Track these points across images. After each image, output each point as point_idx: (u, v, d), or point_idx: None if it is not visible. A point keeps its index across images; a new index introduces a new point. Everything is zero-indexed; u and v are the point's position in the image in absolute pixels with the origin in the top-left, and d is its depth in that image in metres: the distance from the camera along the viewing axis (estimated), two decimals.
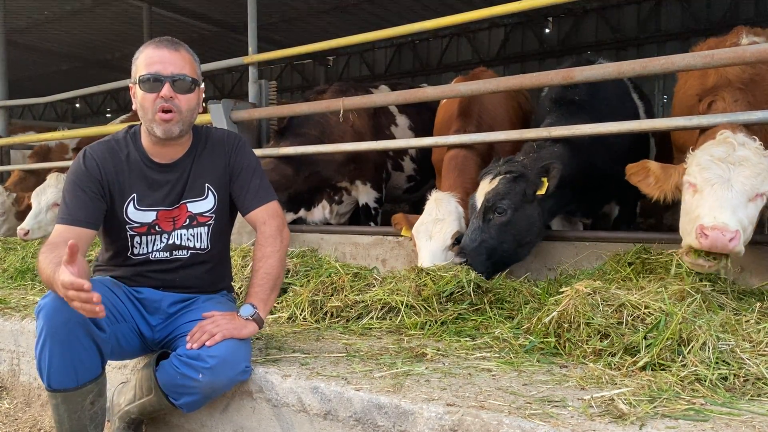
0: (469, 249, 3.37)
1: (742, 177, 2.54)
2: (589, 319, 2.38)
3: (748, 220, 2.54)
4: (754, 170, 2.55)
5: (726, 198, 2.51)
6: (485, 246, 3.38)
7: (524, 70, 12.37)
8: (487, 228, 3.40)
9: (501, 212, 3.39)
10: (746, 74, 3.13)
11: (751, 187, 2.53)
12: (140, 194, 2.53)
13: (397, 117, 5.70)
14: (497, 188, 3.42)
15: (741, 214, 2.51)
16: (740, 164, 2.57)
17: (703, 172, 2.61)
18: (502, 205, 3.38)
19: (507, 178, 3.43)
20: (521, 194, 3.42)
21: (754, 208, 2.55)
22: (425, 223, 3.69)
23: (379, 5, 10.60)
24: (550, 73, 3.61)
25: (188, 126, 2.52)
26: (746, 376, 2.04)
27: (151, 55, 2.41)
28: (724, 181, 2.55)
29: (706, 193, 2.58)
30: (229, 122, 4.85)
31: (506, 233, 3.41)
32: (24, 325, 3.36)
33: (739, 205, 2.51)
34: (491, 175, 3.51)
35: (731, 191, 2.52)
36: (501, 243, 3.41)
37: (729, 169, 2.57)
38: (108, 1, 10.34)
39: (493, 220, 3.40)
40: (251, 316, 2.38)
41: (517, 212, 3.41)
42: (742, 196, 2.52)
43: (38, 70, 15.25)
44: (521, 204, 3.42)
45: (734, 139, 2.67)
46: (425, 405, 1.96)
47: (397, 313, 3.00)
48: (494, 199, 3.39)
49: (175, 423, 2.64)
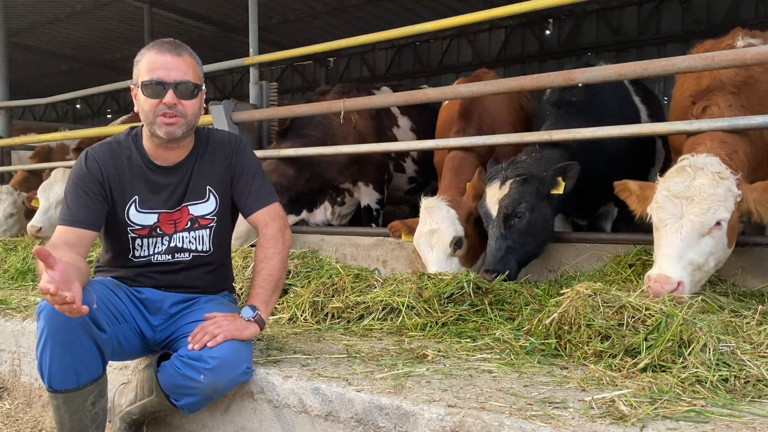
0: (497, 259, 3.38)
1: (692, 215, 2.62)
2: (589, 321, 2.39)
3: (705, 256, 2.63)
4: (705, 205, 2.62)
5: (674, 244, 2.61)
6: (511, 252, 3.41)
7: (524, 71, 12.37)
8: (509, 234, 3.43)
9: (521, 216, 3.42)
10: (739, 77, 3.14)
11: (701, 224, 2.61)
12: (142, 196, 2.53)
13: (399, 118, 5.70)
14: (511, 194, 3.43)
15: (692, 254, 2.60)
16: (693, 199, 2.64)
17: (659, 211, 2.71)
18: (521, 209, 3.41)
19: (518, 181, 3.45)
20: (535, 194, 3.45)
21: (709, 241, 2.63)
22: (423, 234, 3.71)
23: (380, 7, 10.61)
24: (551, 75, 3.62)
25: (191, 128, 2.52)
26: (747, 377, 2.04)
27: (154, 59, 2.40)
28: (676, 220, 2.65)
29: (660, 234, 2.69)
30: (230, 123, 4.85)
31: (528, 235, 3.46)
32: (25, 325, 3.37)
33: (689, 246, 2.60)
34: (498, 180, 3.51)
35: (680, 234, 2.62)
36: (524, 245, 3.46)
37: (682, 206, 2.65)
38: (109, 2, 10.34)
39: (515, 225, 3.43)
40: (253, 317, 2.39)
41: (533, 213, 3.45)
42: (692, 235, 2.61)
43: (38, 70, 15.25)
44: (536, 204, 3.46)
45: (693, 165, 2.72)
46: (426, 406, 1.96)
47: (397, 315, 3.00)
48: (512, 205, 3.42)
49: (176, 424, 2.64)
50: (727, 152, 2.85)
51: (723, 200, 2.64)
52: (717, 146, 2.88)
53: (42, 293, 1.92)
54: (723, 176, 2.67)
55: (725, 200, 2.64)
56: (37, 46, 13.12)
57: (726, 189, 2.66)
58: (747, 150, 2.95)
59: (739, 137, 2.96)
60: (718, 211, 2.62)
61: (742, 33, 3.48)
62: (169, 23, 11.10)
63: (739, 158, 2.87)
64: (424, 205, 3.79)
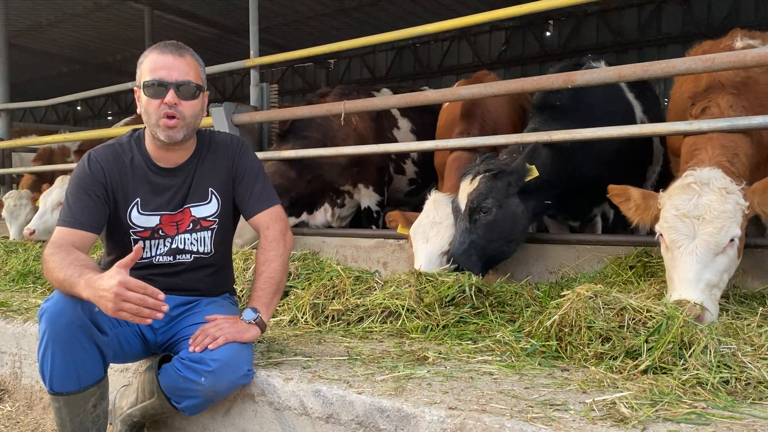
0: (459, 252, 3.38)
1: (706, 236, 2.58)
2: (590, 323, 2.39)
3: (719, 274, 2.60)
4: (718, 224, 2.59)
5: (690, 267, 2.57)
6: (474, 247, 3.39)
7: (525, 73, 12.40)
8: (474, 229, 3.42)
9: (486, 211, 3.41)
10: (738, 78, 3.13)
11: (716, 244, 2.58)
12: (144, 199, 2.53)
13: (399, 120, 5.71)
14: (479, 188, 3.43)
15: (708, 274, 2.57)
16: (704, 218, 2.61)
17: (670, 232, 2.66)
18: (487, 204, 3.40)
19: (486, 176, 3.45)
20: (504, 190, 3.44)
21: (724, 259, 2.61)
22: (423, 225, 3.70)
23: (381, 8, 10.63)
24: (552, 77, 3.61)
25: (192, 131, 2.52)
26: (748, 379, 2.04)
27: (156, 60, 2.41)
28: (690, 241, 2.61)
29: (674, 255, 2.64)
30: (231, 125, 4.86)
31: (493, 231, 3.43)
32: (26, 327, 3.37)
33: (705, 267, 2.57)
34: (470, 175, 3.52)
35: (696, 255, 2.58)
36: (489, 242, 3.43)
37: (694, 226, 2.62)
38: (109, 4, 10.37)
39: (479, 220, 3.42)
40: (254, 320, 2.38)
41: (501, 209, 3.43)
42: (707, 256, 2.58)
43: (39, 72, 15.28)
44: (504, 200, 3.45)
45: (698, 181, 2.69)
46: (427, 408, 1.96)
47: (398, 317, 3.00)
48: (478, 199, 3.41)
49: (177, 426, 2.64)
50: (728, 157, 2.83)
51: (733, 216, 2.61)
52: (718, 153, 2.85)
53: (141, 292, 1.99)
54: (730, 191, 2.64)
55: (735, 215, 2.61)
56: (37, 48, 13.15)
57: (735, 204, 2.63)
58: (748, 152, 2.94)
59: (739, 138, 2.95)
60: (731, 228, 2.59)
61: (741, 34, 3.48)
62: (169, 25, 11.12)
63: (740, 162, 2.85)
64: (432, 198, 3.81)
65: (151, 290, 2.01)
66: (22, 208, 6.58)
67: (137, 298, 1.98)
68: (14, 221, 6.54)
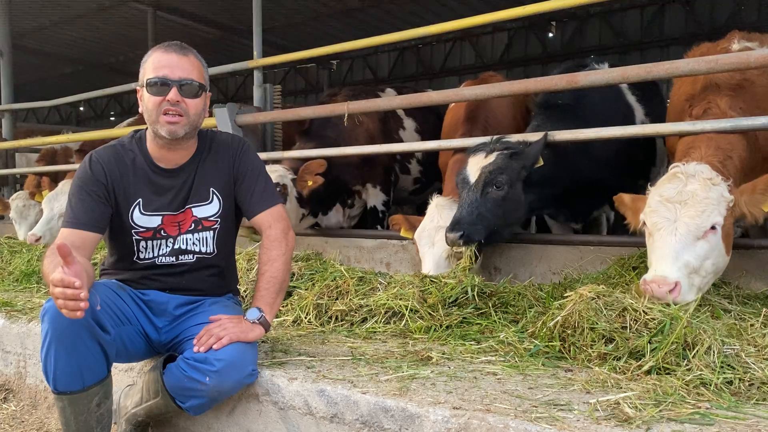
0: (469, 220, 3.35)
1: (687, 218, 2.61)
2: (593, 324, 2.39)
3: (700, 260, 2.60)
4: (699, 208, 2.61)
5: (669, 245, 2.59)
6: (481, 218, 3.38)
7: (527, 74, 12.40)
8: (484, 201, 3.41)
9: (499, 186, 3.41)
10: (734, 80, 3.14)
11: (696, 227, 2.59)
12: (146, 199, 2.54)
13: (404, 120, 5.73)
14: (497, 162, 3.43)
15: (688, 256, 2.58)
16: (686, 203, 2.63)
17: (652, 215, 2.69)
18: (501, 179, 3.40)
19: (506, 154, 3.46)
20: (517, 172, 3.45)
21: (705, 245, 2.61)
22: (427, 229, 3.70)
23: (383, 10, 10.64)
24: (555, 78, 3.62)
25: (194, 129, 2.53)
26: (751, 380, 2.04)
27: (159, 59, 2.43)
28: (671, 223, 2.63)
29: (655, 238, 2.67)
30: (234, 126, 4.87)
31: (500, 208, 3.43)
32: (30, 327, 3.38)
33: (684, 248, 2.58)
34: (483, 152, 3.52)
35: (675, 235, 2.60)
36: (495, 217, 3.42)
37: (676, 210, 2.64)
38: (113, 5, 10.40)
39: (491, 193, 3.42)
40: (258, 319, 2.39)
41: (512, 188, 3.44)
42: (687, 237, 2.59)
43: (42, 73, 15.32)
44: (515, 182, 3.46)
45: (684, 172, 2.71)
46: (431, 408, 1.96)
47: (401, 318, 3.00)
48: (495, 173, 3.40)
49: (181, 426, 2.65)
50: (721, 159, 2.84)
51: (716, 204, 2.63)
52: (711, 153, 2.86)
53: (53, 284, 1.93)
54: (715, 182, 2.67)
55: (718, 204, 2.63)
56: (41, 49, 13.18)
57: (719, 194, 2.65)
58: (743, 155, 2.94)
59: (736, 140, 2.95)
60: (712, 214, 2.61)
61: (739, 36, 3.49)
62: (172, 26, 11.14)
63: (732, 164, 2.86)
64: (435, 203, 3.81)
65: (68, 281, 1.92)
66: (30, 208, 6.65)
67: (59, 293, 1.93)
68: (23, 221, 6.59)
